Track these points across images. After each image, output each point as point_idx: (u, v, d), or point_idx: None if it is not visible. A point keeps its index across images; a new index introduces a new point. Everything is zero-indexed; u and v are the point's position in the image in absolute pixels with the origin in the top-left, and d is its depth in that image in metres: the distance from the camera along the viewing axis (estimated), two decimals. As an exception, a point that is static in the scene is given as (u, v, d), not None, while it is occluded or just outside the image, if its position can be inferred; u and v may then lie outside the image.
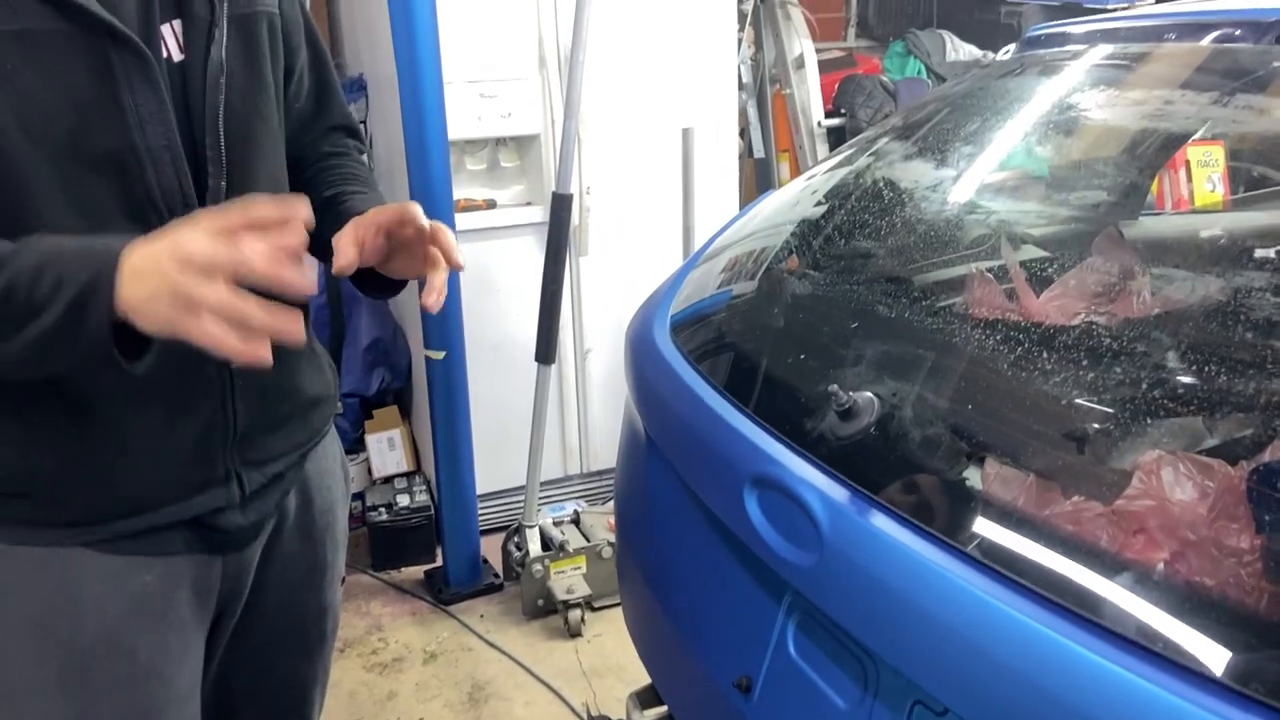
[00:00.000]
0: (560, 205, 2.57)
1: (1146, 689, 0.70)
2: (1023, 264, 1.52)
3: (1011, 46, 1.43)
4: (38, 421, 0.98)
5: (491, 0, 2.67)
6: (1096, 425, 0.96)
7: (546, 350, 2.62)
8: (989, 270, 1.40)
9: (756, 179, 3.83)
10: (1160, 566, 0.87)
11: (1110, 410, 1.02)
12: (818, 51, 3.96)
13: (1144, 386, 1.01)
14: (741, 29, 3.48)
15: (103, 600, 1.03)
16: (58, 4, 0.89)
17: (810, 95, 3.48)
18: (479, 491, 2.82)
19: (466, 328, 2.66)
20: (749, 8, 3.49)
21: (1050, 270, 1.47)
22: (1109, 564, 0.86)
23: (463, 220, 2.72)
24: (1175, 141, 1.37)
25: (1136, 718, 0.70)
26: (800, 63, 3.48)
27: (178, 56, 1.00)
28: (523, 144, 2.90)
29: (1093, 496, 0.92)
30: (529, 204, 2.92)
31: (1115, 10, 3.57)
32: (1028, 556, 0.83)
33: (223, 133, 1.01)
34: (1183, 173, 3.54)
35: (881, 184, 1.33)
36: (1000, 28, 3.84)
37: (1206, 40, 1.10)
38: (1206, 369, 1.07)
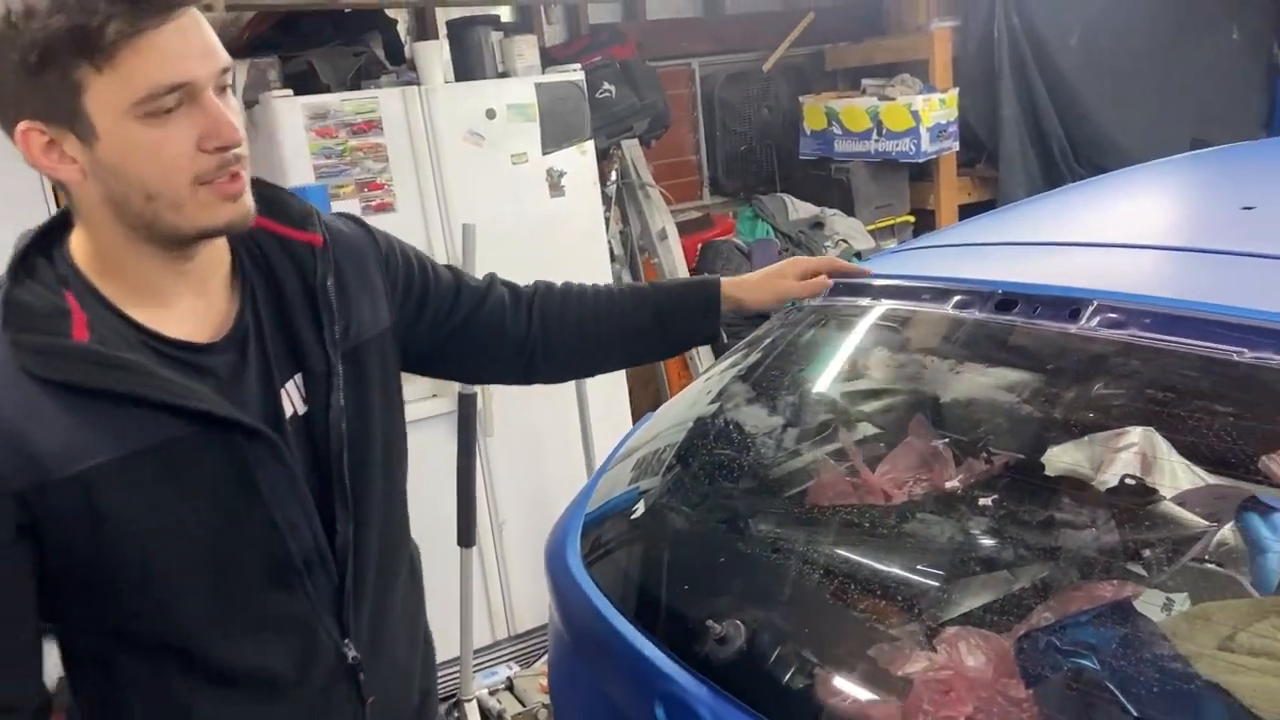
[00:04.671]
0: (466, 404, 2.86)
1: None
2: (857, 443, 1.89)
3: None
4: None
5: (381, 224, 2.99)
6: (905, 616, 1.30)
7: (467, 534, 2.88)
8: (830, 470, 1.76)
9: (637, 337, 4.21)
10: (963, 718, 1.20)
11: (916, 598, 1.36)
12: (678, 213, 4.43)
13: (936, 574, 1.36)
14: (608, 209, 3.90)
15: None
16: (185, 413, 0.96)
17: (676, 262, 3.91)
18: (414, 670, 3.01)
19: (388, 518, 2.89)
20: (613, 190, 3.91)
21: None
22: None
23: (376, 421, 2.97)
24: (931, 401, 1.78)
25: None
26: (663, 235, 3.91)
27: (301, 410, 1.08)
28: (424, 344, 3.19)
29: (907, 673, 1.25)
30: (435, 396, 3.19)
31: (923, 160, 4.12)
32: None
33: (347, 474, 1.08)
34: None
35: (733, 428, 1.68)
36: (832, 182, 4.38)
37: (949, 306, 1.49)
38: (984, 553, 1.43)
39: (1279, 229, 1.44)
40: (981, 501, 1.58)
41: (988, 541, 1.50)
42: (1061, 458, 1.84)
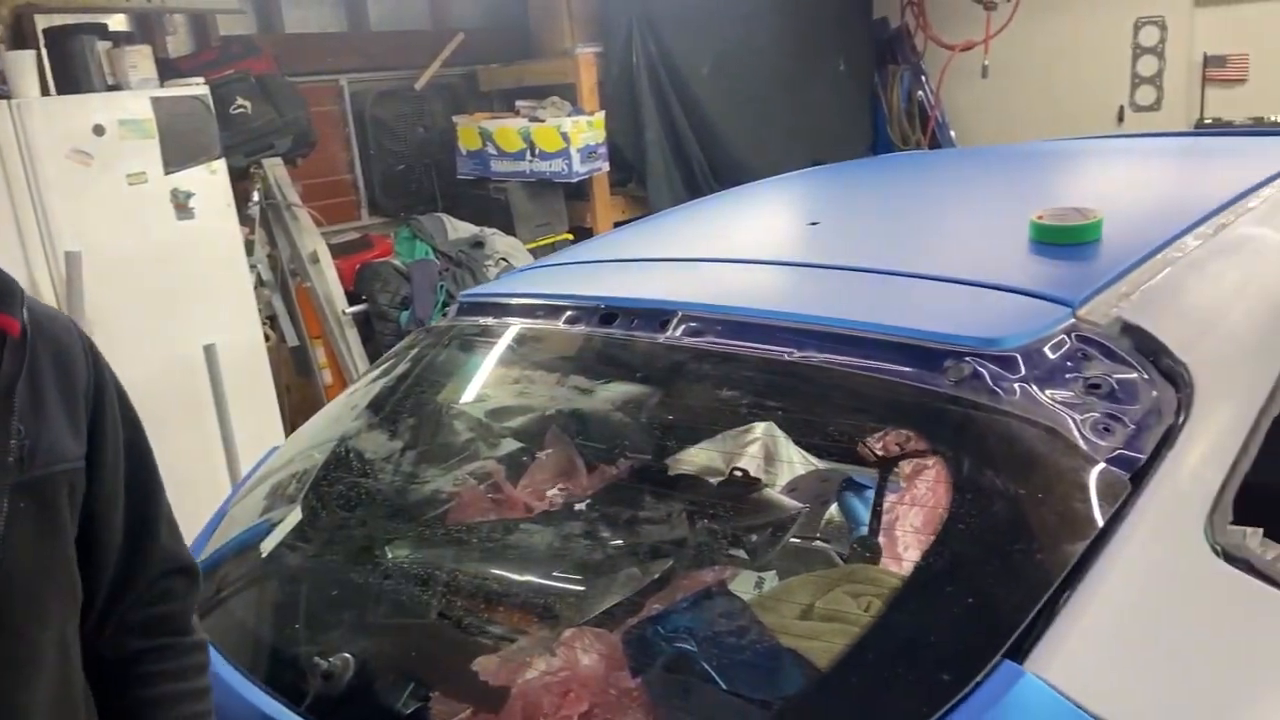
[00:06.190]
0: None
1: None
2: (500, 459, 1.92)
3: (453, 308, 1.82)
4: None
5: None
6: (520, 627, 1.33)
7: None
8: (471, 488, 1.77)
9: (295, 365, 4.02)
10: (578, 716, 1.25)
11: (539, 606, 1.40)
12: (336, 234, 4.28)
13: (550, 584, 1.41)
14: (251, 231, 3.69)
15: None
16: None
17: (330, 286, 3.77)
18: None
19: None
20: (256, 212, 3.70)
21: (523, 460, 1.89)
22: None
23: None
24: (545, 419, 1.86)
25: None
26: (315, 258, 3.76)
27: None
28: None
29: (527, 680, 1.28)
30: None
31: (575, 180, 4.27)
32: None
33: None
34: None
35: (363, 455, 1.65)
36: (492, 202, 4.43)
37: (562, 321, 1.56)
38: (603, 555, 1.50)
39: (832, 242, 1.63)
40: (601, 507, 1.66)
41: (607, 543, 1.57)
42: (696, 457, 1.97)
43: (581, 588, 1.51)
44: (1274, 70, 4.99)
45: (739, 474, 1.82)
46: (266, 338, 3.65)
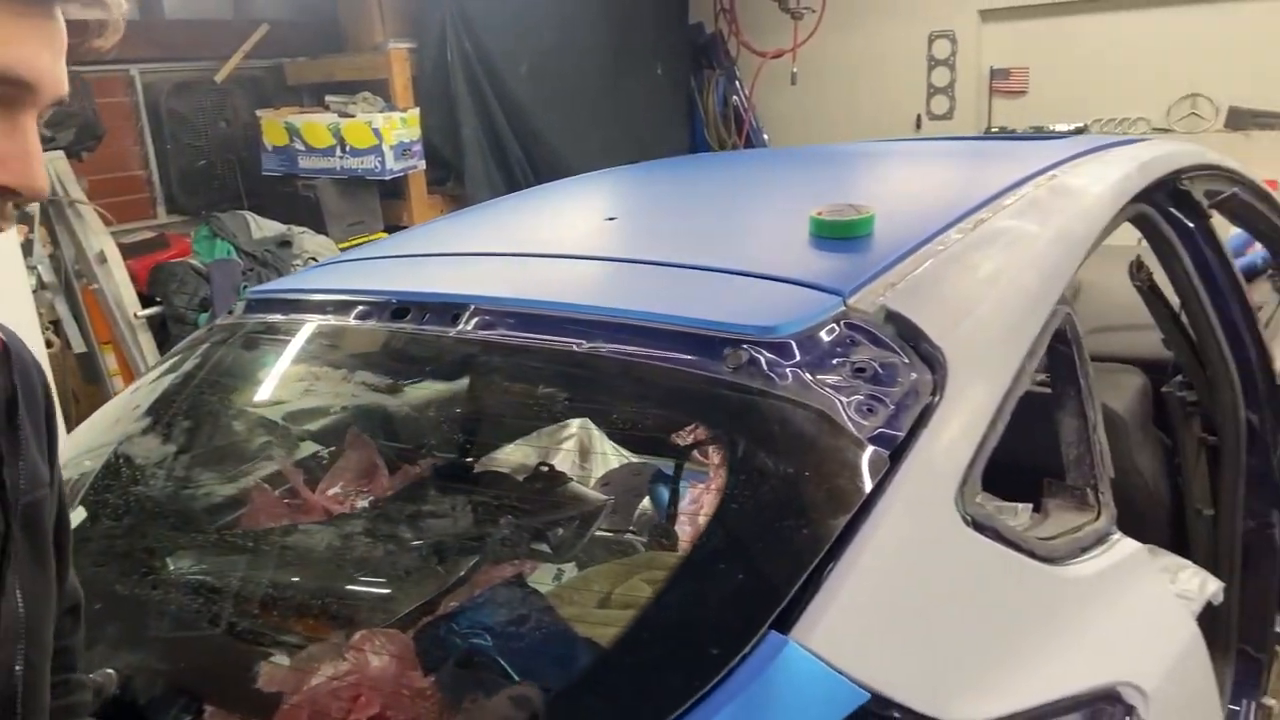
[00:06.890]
0: None
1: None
2: (296, 462, 1.85)
3: (239, 306, 1.74)
4: None
5: None
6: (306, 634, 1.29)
7: None
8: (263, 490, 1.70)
9: (83, 372, 3.75)
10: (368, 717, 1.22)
11: (327, 610, 1.37)
12: (128, 233, 4.02)
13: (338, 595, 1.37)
14: (30, 230, 3.42)
15: None
16: None
17: (120, 288, 3.54)
18: None
19: None
20: (34, 210, 3.43)
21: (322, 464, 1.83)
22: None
23: None
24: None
25: None
26: (102, 258, 3.52)
27: None
28: None
29: (318, 686, 1.24)
30: None
31: (389, 177, 4.18)
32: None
33: (22, 655, 0.84)
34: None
35: (130, 460, 1.55)
36: (300, 199, 4.26)
37: (352, 316, 1.51)
38: (399, 556, 1.48)
39: (627, 237, 1.67)
40: (403, 508, 1.63)
41: (407, 544, 1.55)
42: (511, 455, 1.96)
43: (381, 590, 1.48)
44: (1052, 83, 5.43)
45: (545, 469, 1.83)
46: (49, 344, 3.40)
